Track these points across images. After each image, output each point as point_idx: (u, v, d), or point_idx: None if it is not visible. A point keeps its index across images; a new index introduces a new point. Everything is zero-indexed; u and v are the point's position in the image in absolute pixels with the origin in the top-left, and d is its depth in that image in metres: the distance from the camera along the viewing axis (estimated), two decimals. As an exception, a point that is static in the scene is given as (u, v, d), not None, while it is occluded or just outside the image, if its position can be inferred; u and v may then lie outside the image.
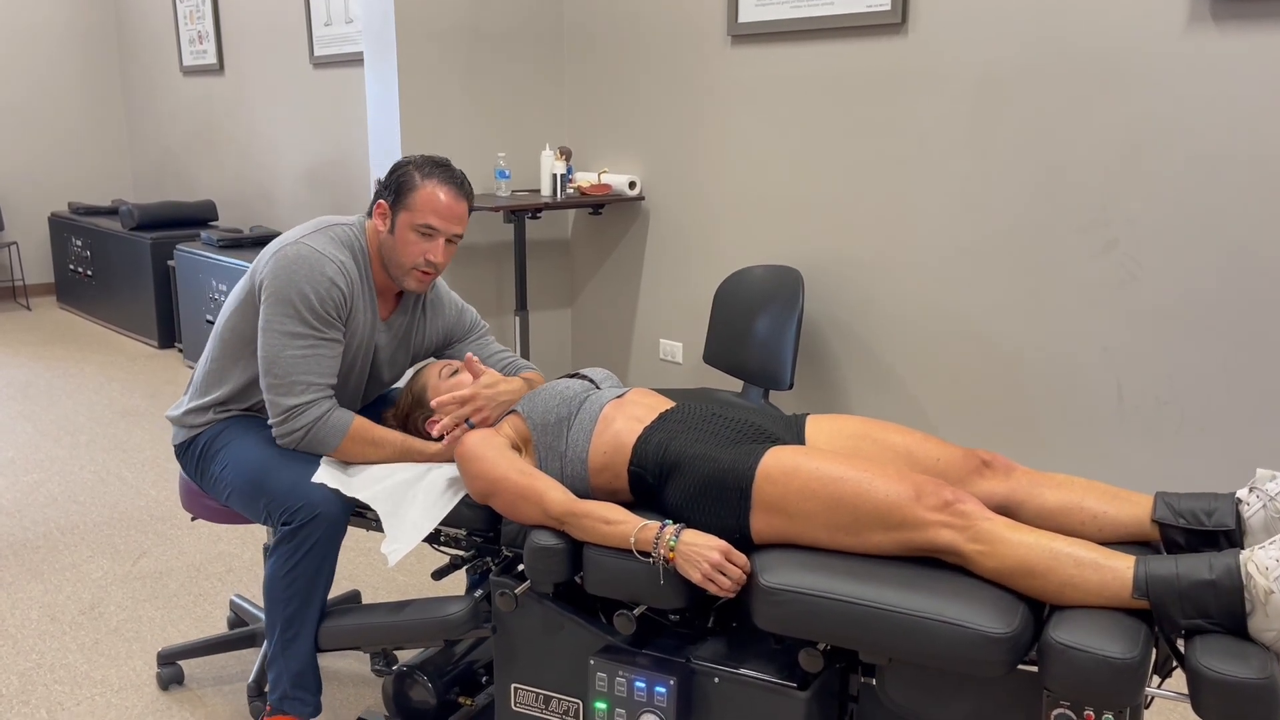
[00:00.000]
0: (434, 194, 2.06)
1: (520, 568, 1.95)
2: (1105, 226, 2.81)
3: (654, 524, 1.69)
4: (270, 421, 2.06)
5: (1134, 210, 2.75)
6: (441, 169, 2.09)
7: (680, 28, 3.77)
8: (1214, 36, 2.55)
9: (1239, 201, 2.57)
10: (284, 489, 1.99)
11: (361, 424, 2.06)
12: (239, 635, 2.52)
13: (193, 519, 2.38)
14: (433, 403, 2.03)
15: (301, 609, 2.02)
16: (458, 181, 2.10)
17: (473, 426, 2.03)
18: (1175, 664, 1.57)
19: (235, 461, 2.08)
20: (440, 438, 2.09)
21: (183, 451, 2.21)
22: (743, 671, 1.68)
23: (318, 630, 2.06)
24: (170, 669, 2.49)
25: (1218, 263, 2.63)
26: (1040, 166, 2.91)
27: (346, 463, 2.09)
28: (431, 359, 2.37)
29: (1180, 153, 2.65)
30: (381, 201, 2.10)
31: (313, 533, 1.98)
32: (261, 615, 2.53)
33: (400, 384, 2.54)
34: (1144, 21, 2.66)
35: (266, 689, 2.38)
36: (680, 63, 3.80)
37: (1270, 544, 1.41)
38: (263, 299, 2.04)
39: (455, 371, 2.14)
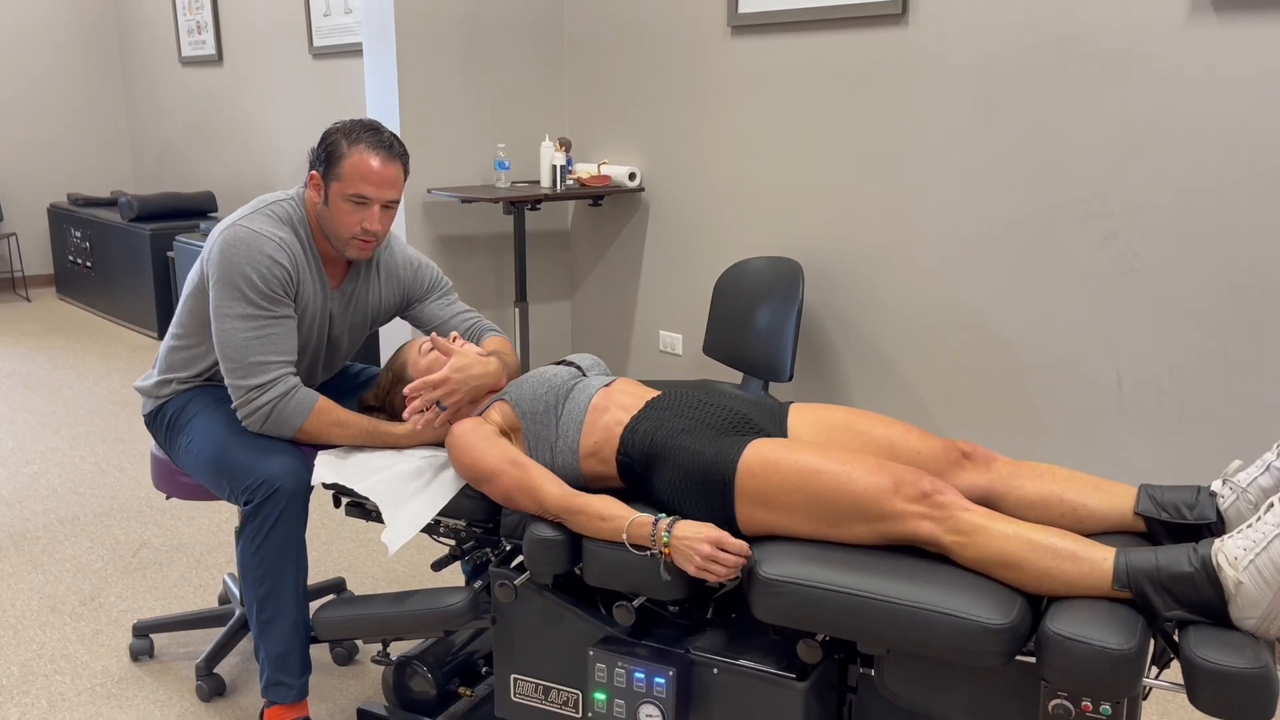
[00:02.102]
0: (363, 161, 2.02)
1: (519, 559, 1.96)
2: (1106, 218, 2.81)
3: (646, 518, 1.69)
4: (234, 405, 2.05)
5: (1135, 201, 2.75)
6: (370, 133, 2.04)
7: (681, 18, 3.76)
8: (1215, 27, 2.54)
9: (1240, 193, 2.57)
10: (243, 466, 1.98)
11: (326, 403, 2.05)
12: (211, 614, 2.55)
13: (167, 498, 2.38)
14: (404, 390, 2.02)
15: (275, 589, 2.01)
16: (387, 145, 2.05)
17: (444, 409, 2.03)
18: (1171, 656, 1.58)
19: (199, 435, 2.07)
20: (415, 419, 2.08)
21: (152, 420, 2.21)
22: (742, 662, 1.68)
23: (302, 612, 2.04)
24: (142, 641, 2.53)
25: (1218, 254, 2.63)
26: (1041, 157, 2.91)
27: (315, 445, 2.08)
28: (411, 339, 2.35)
29: (1181, 144, 2.65)
30: (314, 172, 2.07)
31: (274, 508, 1.96)
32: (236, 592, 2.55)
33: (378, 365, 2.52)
34: (1146, 12, 2.65)
35: (215, 670, 2.38)
36: (681, 54, 3.79)
37: (1238, 534, 1.42)
38: (210, 285, 2.04)
39: (434, 348, 2.11)
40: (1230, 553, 1.40)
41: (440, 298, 2.34)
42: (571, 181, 3.91)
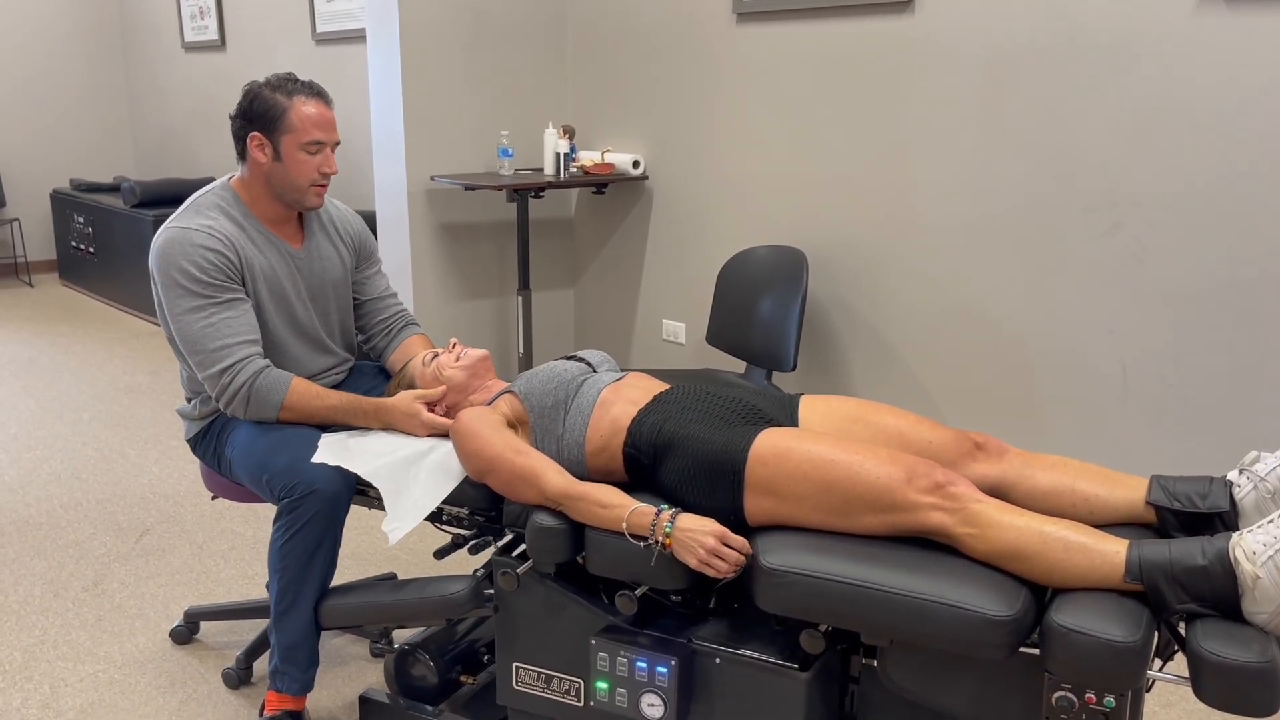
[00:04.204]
0: (309, 110, 2.09)
1: (522, 547, 1.95)
2: (1112, 208, 2.80)
3: (648, 508, 1.69)
4: (213, 397, 2.07)
5: (1141, 192, 2.73)
6: (297, 83, 2.11)
7: (686, 5, 3.74)
8: (1224, 16, 2.52)
9: (1247, 183, 2.55)
10: (283, 466, 2.00)
11: (300, 380, 2.09)
12: (262, 604, 2.54)
13: (213, 497, 2.41)
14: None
15: (295, 582, 2.02)
16: (318, 91, 2.13)
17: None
18: (1176, 648, 1.57)
19: (241, 444, 2.09)
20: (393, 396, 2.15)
21: (196, 444, 2.24)
22: (744, 652, 1.68)
23: (318, 608, 2.06)
24: (189, 627, 2.56)
25: (1224, 245, 2.61)
26: (1047, 147, 2.89)
27: (316, 424, 2.11)
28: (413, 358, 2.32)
29: (1188, 134, 2.63)
30: (255, 134, 2.10)
31: (310, 507, 1.98)
32: None
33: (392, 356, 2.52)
34: (1154, 1, 2.63)
35: (257, 664, 2.40)
36: (685, 41, 3.77)
37: (1257, 528, 1.41)
38: (158, 292, 2.09)
39: (434, 356, 2.15)
40: (1249, 547, 1.39)
41: (377, 271, 2.41)
42: (575, 169, 3.90)
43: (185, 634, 2.56)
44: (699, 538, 1.62)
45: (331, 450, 2.02)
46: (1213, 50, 2.56)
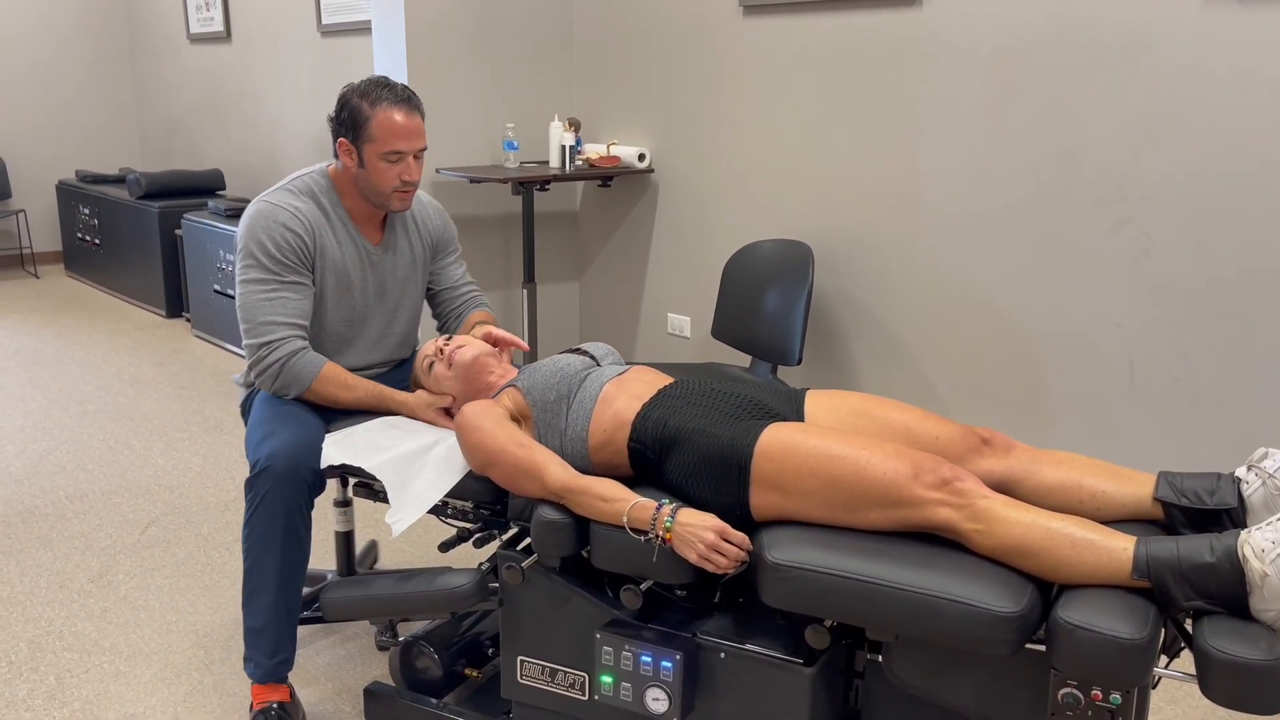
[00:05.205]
0: (389, 119, 2.11)
1: (527, 541, 1.95)
2: (1120, 202, 2.78)
3: (649, 502, 1.68)
4: (250, 364, 2.14)
5: (1149, 186, 2.72)
6: (385, 89, 2.13)
7: (691, -3, 3.73)
8: (1235, 10, 2.51)
9: (1255, 178, 2.54)
10: (256, 443, 2.05)
11: (333, 366, 2.14)
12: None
13: None
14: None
15: (257, 566, 2.04)
16: (406, 98, 2.15)
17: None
18: (1182, 645, 1.57)
19: (253, 417, 2.17)
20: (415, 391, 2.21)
21: (243, 411, 2.33)
22: (749, 647, 1.68)
23: (283, 594, 2.05)
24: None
25: (1233, 239, 2.60)
26: (1055, 141, 2.88)
27: (323, 405, 2.15)
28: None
29: (1197, 128, 2.62)
30: (343, 139, 2.15)
31: (261, 486, 2.01)
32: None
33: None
34: (1163, -6, 2.62)
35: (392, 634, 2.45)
36: (692, 34, 3.76)
37: (1266, 526, 1.41)
38: (235, 257, 2.16)
39: (431, 364, 2.16)
40: (1258, 544, 1.39)
41: (454, 260, 2.46)
42: (580, 162, 3.89)
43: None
44: (699, 533, 1.62)
45: (337, 447, 2.03)
46: (1223, 44, 2.54)
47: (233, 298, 5.06)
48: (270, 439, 2.03)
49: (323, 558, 2.97)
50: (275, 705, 2.09)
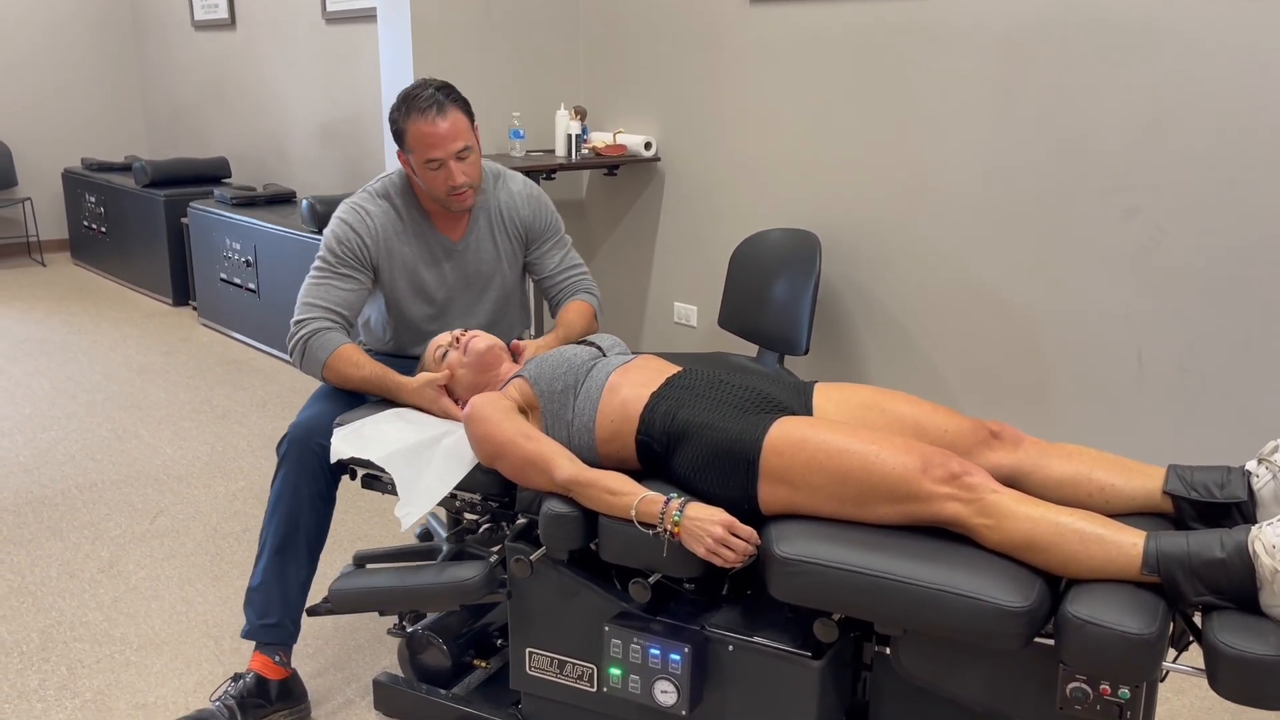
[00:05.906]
0: (419, 129, 2.17)
1: (535, 533, 1.96)
2: (1128, 192, 2.77)
3: (657, 496, 1.68)
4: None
5: (1157, 176, 2.71)
6: (415, 99, 2.18)
7: (698, -15, 3.71)
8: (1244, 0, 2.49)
9: (1265, 167, 2.53)
10: (293, 421, 2.17)
11: (350, 347, 2.20)
12: (416, 549, 2.62)
13: None
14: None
15: (264, 529, 2.15)
16: (436, 103, 2.18)
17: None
18: (1191, 639, 1.57)
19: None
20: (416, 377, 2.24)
21: None
22: (757, 640, 1.68)
23: (274, 561, 2.11)
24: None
25: (1242, 229, 2.59)
26: (1063, 130, 2.87)
27: (354, 389, 2.20)
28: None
29: (1206, 118, 2.60)
30: (399, 151, 2.25)
31: (281, 450, 2.13)
32: (442, 534, 2.68)
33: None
34: (1174, -18, 2.60)
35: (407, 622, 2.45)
36: (698, 22, 3.74)
37: (1277, 521, 1.40)
38: None
39: (445, 353, 2.16)
40: (1269, 540, 1.38)
41: (552, 246, 2.46)
42: (587, 151, 3.88)
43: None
44: (707, 527, 1.62)
45: (345, 440, 2.03)
46: (1232, 33, 2.52)
47: (239, 286, 5.07)
48: (302, 413, 2.17)
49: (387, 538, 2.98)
50: (252, 675, 2.13)
